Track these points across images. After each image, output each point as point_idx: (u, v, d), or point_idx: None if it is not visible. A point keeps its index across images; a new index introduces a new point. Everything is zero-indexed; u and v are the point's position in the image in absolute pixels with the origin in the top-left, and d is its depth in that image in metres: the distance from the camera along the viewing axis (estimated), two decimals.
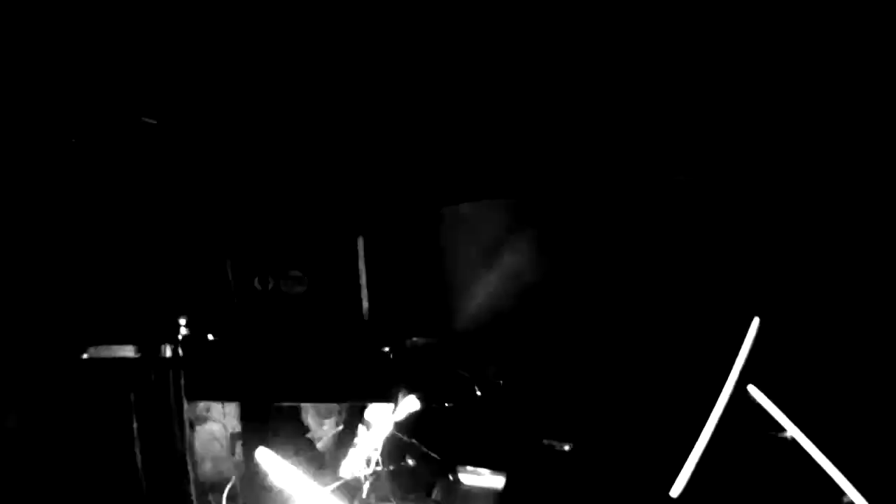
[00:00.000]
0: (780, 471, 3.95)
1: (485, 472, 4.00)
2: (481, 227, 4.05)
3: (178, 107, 3.93)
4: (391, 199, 4.18)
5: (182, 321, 3.92)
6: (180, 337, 3.90)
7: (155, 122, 3.84)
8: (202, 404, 3.94)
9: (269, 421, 4.09)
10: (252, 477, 3.95)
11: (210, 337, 3.97)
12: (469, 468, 4.00)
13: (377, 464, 3.98)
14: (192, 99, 3.94)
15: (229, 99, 3.99)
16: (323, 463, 4.05)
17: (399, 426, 3.96)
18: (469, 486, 4.01)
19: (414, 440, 3.95)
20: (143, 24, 3.54)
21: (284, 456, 3.90)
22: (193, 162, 4.05)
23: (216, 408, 3.98)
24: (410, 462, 3.98)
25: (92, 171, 3.91)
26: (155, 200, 3.98)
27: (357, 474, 3.93)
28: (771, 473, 3.97)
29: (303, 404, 4.11)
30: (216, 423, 3.97)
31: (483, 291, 3.98)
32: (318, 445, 4.11)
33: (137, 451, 3.73)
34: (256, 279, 3.96)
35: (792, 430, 4.01)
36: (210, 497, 3.87)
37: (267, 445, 3.95)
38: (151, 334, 3.88)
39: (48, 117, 3.76)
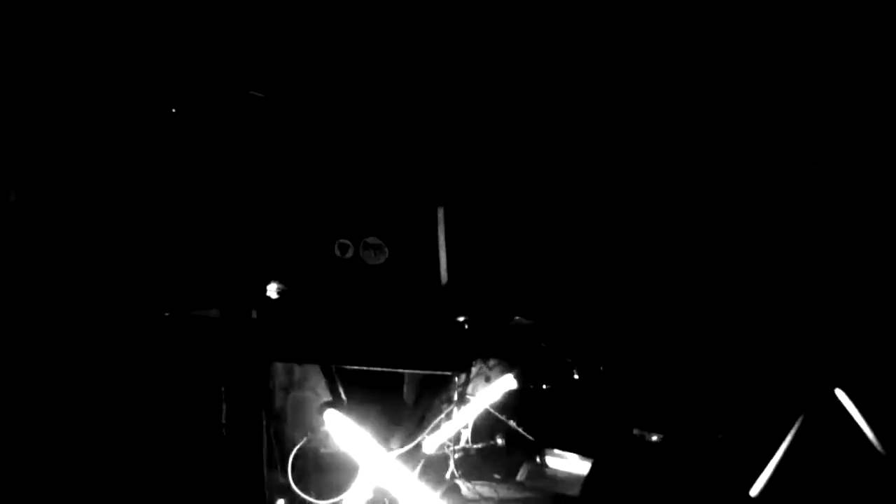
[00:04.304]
0: (859, 477, 3.97)
1: (573, 456, 3.92)
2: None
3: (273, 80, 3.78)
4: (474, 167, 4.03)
5: (270, 285, 3.73)
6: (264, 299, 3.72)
7: (261, 95, 3.66)
8: (298, 371, 3.76)
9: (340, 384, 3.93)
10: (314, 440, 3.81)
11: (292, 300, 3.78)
12: (557, 451, 3.92)
13: (467, 441, 3.87)
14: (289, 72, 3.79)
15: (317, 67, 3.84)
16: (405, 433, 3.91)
17: (494, 405, 3.84)
18: (556, 470, 3.94)
19: (508, 419, 3.84)
20: None
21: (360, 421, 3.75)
22: (282, 131, 3.86)
23: (313, 375, 3.80)
24: (500, 441, 3.88)
25: (185, 137, 3.73)
26: (241, 167, 3.78)
27: (445, 449, 3.82)
28: (849, 479, 3.98)
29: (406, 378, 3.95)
30: (310, 391, 3.80)
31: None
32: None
33: (223, 413, 3.56)
34: (337, 246, 3.76)
35: (873, 437, 4.01)
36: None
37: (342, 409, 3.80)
38: (237, 297, 3.69)
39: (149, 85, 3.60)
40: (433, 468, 3.81)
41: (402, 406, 3.91)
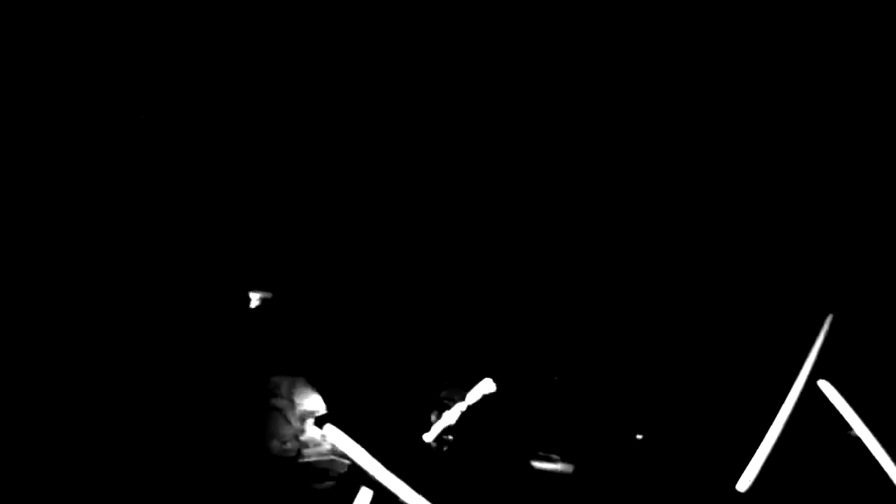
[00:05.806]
0: (845, 468, 3.95)
1: (556, 458, 3.91)
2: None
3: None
4: None
5: (254, 295, 3.74)
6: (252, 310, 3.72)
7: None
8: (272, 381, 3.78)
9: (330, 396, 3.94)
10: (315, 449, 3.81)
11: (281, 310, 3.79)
12: (541, 454, 3.91)
13: (447, 444, 3.86)
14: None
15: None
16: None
17: (473, 409, 3.84)
18: (539, 471, 3.92)
19: (486, 424, 3.84)
20: None
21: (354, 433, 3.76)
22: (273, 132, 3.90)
23: (284, 385, 3.82)
24: (482, 445, 3.88)
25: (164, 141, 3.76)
26: (233, 170, 3.82)
27: (429, 453, 3.82)
28: (835, 470, 3.96)
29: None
30: (283, 400, 3.81)
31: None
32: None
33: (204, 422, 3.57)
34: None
35: (859, 429, 3.99)
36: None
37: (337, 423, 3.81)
38: (224, 307, 3.70)
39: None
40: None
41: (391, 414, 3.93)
